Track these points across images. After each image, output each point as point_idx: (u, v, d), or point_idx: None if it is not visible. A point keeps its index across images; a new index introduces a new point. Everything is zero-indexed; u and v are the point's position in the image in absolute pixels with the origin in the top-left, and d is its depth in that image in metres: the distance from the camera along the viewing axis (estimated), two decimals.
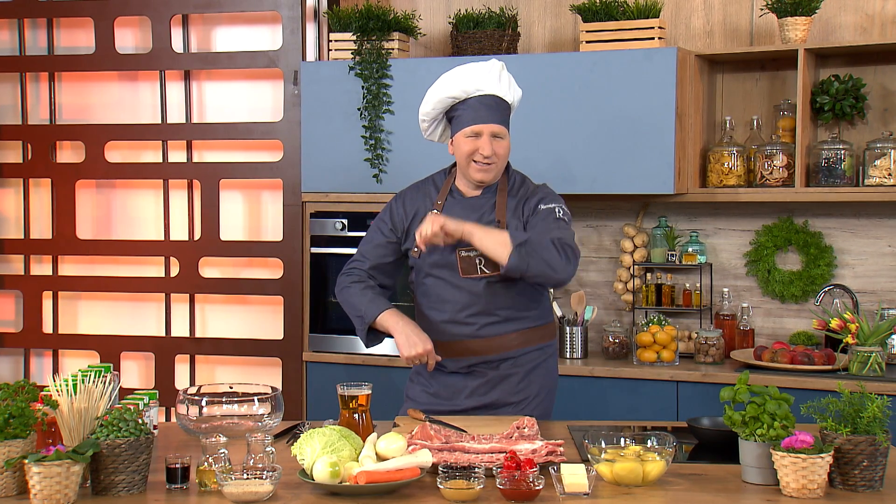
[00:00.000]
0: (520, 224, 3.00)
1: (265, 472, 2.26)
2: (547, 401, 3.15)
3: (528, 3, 4.70)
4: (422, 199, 3.11)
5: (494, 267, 2.94)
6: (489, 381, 3.06)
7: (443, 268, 3.02)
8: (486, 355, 3.04)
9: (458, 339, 3.04)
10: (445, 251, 2.99)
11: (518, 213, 3.03)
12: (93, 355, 4.94)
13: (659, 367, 4.07)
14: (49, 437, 2.42)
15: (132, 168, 4.93)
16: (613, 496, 2.26)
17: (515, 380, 3.07)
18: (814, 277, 4.28)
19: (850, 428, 2.30)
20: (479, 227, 2.89)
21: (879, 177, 4.02)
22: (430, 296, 3.06)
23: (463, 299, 3.01)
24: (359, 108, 4.42)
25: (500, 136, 2.99)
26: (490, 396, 3.06)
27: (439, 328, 3.05)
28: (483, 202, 3.05)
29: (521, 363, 3.07)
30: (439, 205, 3.05)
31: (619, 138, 4.11)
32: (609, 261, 4.61)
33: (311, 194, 4.55)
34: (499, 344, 3.03)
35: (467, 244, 2.91)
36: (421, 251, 3.02)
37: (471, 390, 3.06)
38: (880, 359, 3.79)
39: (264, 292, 4.76)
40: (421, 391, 3.13)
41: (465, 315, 3.01)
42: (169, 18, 4.79)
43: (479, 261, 2.97)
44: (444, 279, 3.02)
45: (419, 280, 3.09)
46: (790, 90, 4.28)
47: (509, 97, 3.02)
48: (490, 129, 2.96)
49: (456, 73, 3.00)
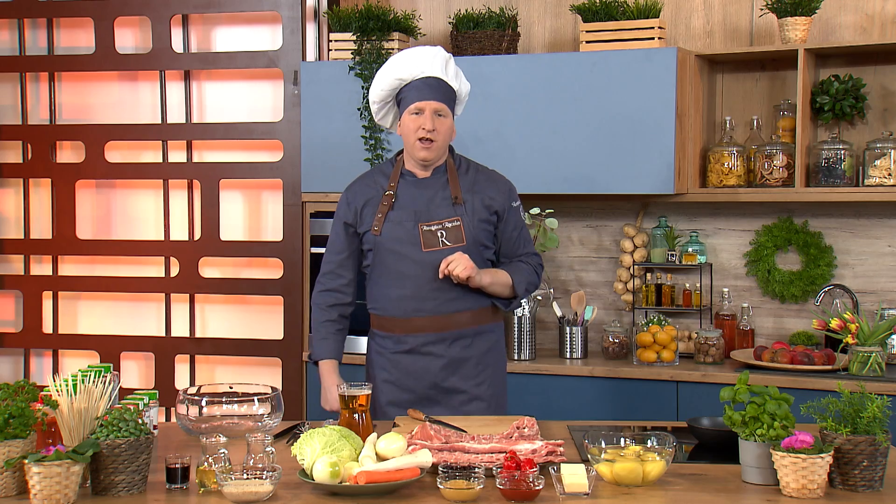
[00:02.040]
0: (476, 200, 3.14)
1: (265, 472, 2.26)
2: (500, 381, 3.27)
3: (528, 3, 4.70)
4: (371, 185, 3.23)
5: (455, 240, 3.11)
6: (449, 365, 3.16)
7: (405, 243, 3.12)
8: (441, 332, 3.15)
9: (416, 316, 3.14)
10: (408, 227, 3.12)
11: (474, 190, 3.16)
12: (93, 355, 4.94)
13: (659, 367, 4.07)
14: (49, 438, 2.42)
15: (132, 168, 4.93)
16: (613, 496, 2.26)
17: (472, 363, 3.18)
18: (814, 277, 4.28)
19: (849, 428, 2.29)
20: (487, 274, 3.12)
21: (879, 177, 4.02)
22: (391, 274, 3.15)
23: (425, 273, 3.11)
24: (359, 108, 4.42)
25: (442, 113, 3.11)
26: (450, 381, 3.17)
27: (399, 305, 3.15)
28: (434, 181, 3.18)
29: (475, 345, 3.19)
30: (392, 186, 3.16)
31: (619, 138, 4.11)
32: (609, 261, 4.61)
33: (311, 194, 4.56)
34: (454, 321, 3.15)
35: (427, 219, 3.11)
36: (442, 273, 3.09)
37: (433, 374, 3.16)
38: (880, 359, 3.79)
39: (264, 292, 4.76)
40: (382, 381, 3.21)
41: (427, 290, 3.12)
42: (169, 18, 4.79)
43: (440, 234, 3.11)
44: (405, 255, 3.12)
45: (378, 260, 3.17)
46: (790, 90, 4.28)
47: (455, 84, 3.15)
48: (432, 106, 3.09)
49: (401, 56, 3.14)
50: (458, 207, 3.14)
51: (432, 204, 3.15)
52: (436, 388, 3.17)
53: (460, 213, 3.13)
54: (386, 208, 3.14)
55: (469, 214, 3.14)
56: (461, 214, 3.13)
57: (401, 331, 3.17)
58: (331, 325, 3.25)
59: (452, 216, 3.13)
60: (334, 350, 3.25)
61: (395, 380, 3.19)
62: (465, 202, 3.15)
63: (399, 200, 3.16)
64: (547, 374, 4.15)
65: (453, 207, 3.14)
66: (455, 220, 3.12)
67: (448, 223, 3.12)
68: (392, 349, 3.20)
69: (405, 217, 3.13)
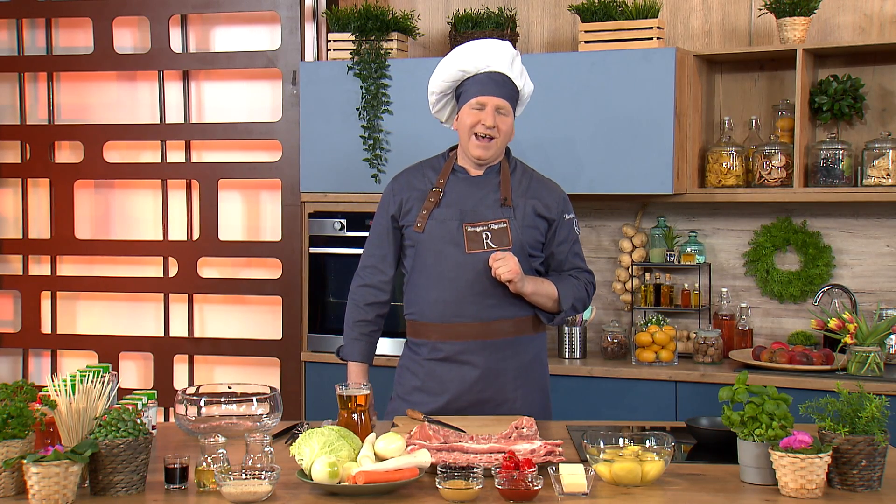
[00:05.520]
0: (528, 206, 3.02)
1: (264, 472, 2.26)
2: (542, 398, 3.13)
3: (527, 3, 4.70)
4: (420, 178, 3.10)
5: (501, 243, 2.97)
6: (484, 377, 3.02)
7: (448, 243, 2.99)
8: (481, 339, 3.01)
9: (456, 321, 3.00)
10: (452, 227, 3.00)
11: (528, 195, 3.04)
12: (91, 355, 4.94)
13: (657, 367, 4.07)
14: (47, 438, 2.42)
15: (131, 168, 4.93)
16: (612, 496, 2.26)
17: (510, 377, 3.04)
18: (812, 277, 4.28)
19: (848, 428, 2.30)
20: (529, 280, 2.98)
21: (878, 177, 4.02)
22: (431, 275, 3.02)
23: (466, 276, 2.98)
24: (357, 108, 4.42)
25: (504, 111, 2.98)
26: (485, 393, 3.02)
27: (439, 309, 3.02)
28: (487, 181, 3.05)
29: (514, 357, 3.04)
30: (441, 183, 3.04)
31: (617, 138, 4.11)
32: (608, 261, 4.61)
33: (309, 194, 4.55)
34: (496, 329, 3.01)
35: (472, 220, 2.98)
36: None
37: (468, 385, 3.01)
38: (879, 359, 3.79)
39: (263, 292, 4.76)
40: (412, 388, 3.08)
41: (468, 294, 2.99)
42: (167, 18, 4.79)
43: (485, 236, 2.98)
44: (448, 255, 2.99)
45: (419, 259, 3.05)
46: (789, 90, 4.28)
47: (519, 82, 3.02)
48: (495, 102, 2.96)
49: (468, 48, 3.00)
50: (506, 210, 3.00)
51: (481, 204, 3.01)
52: (467, 400, 3.02)
53: (508, 216, 2.99)
54: (432, 205, 3.01)
55: (518, 219, 3.00)
56: (509, 217, 2.99)
57: (438, 336, 3.02)
58: (365, 326, 3.12)
59: (500, 217, 2.99)
60: (366, 353, 3.13)
61: (425, 386, 3.05)
62: (516, 206, 3.01)
63: (446, 198, 3.02)
64: None
65: (501, 209, 3.00)
66: (502, 221, 2.99)
67: (494, 225, 2.99)
68: (426, 356, 3.05)
69: (450, 216, 3.00)
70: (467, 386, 3.02)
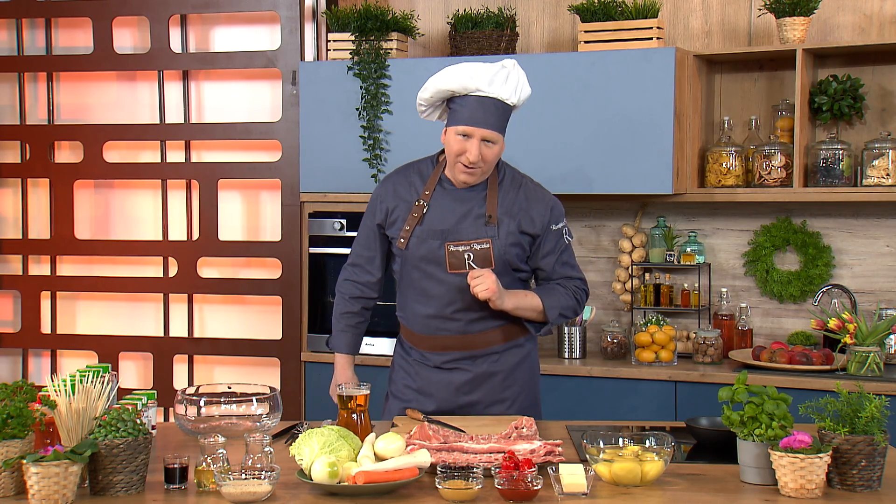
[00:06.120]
0: (512, 223, 2.98)
1: (263, 472, 2.26)
2: (531, 397, 3.16)
3: (527, 3, 4.70)
4: (407, 186, 3.07)
5: (484, 262, 2.95)
6: (474, 380, 3.06)
7: (430, 262, 3.00)
8: (468, 350, 3.04)
9: (441, 335, 3.04)
10: (433, 246, 2.99)
11: (513, 210, 3.00)
12: (91, 355, 4.94)
13: (657, 367, 4.07)
14: (47, 438, 2.42)
15: (130, 168, 4.93)
16: (612, 496, 2.26)
17: (499, 378, 3.07)
18: (812, 277, 4.28)
19: (848, 428, 2.30)
20: (510, 296, 2.95)
21: (877, 177, 4.02)
22: (416, 289, 3.05)
23: (448, 295, 3.00)
24: (357, 108, 4.42)
25: (492, 141, 2.91)
26: (474, 395, 3.06)
27: (424, 322, 3.05)
28: (473, 195, 3.01)
29: (504, 360, 3.07)
30: (427, 195, 3.01)
31: (617, 138, 4.11)
32: (607, 261, 4.61)
33: (309, 194, 4.55)
34: (482, 340, 3.04)
35: (455, 239, 2.96)
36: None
37: (455, 387, 3.06)
38: (878, 359, 3.79)
39: (263, 292, 4.76)
40: (403, 386, 3.13)
41: (450, 311, 3.01)
42: (167, 18, 4.79)
43: (468, 256, 2.97)
44: (431, 274, 3.00)
45: (405, 272, 3.07)
46: (788, 90, 4.28)
47: (513, 99, 2.94)
48: (481, 134, 2.89)
49: (459, 69, 2.93)
50: (490, 228, 2.97)
51: (464, 221, 2.98)
52: (456, 402, 3.06)
53: (491, 235, 2.96)
54: (415, 221, 2.99)
55: (501, 237, 2.97)
56: (492, 236, 2.96)
57: (425, 347, 3.08)
58: (351, 318, 3.17)
59: (482, 237, 2.96)
60: (352, 345, 3.18)
61: (416, 386, 3.10)
62: (500, 223, 2.97)
63: (430, 213, 2.99)
64: (545, 373, 4.12)
65: (486, 228, 2.97)
66: (485, 241, 2.95)
67: (476, 245, 2.95)
68: (416, 359, 3.11)
69: (432, 235, 2.98)
70: (455, 389, 3.07)
